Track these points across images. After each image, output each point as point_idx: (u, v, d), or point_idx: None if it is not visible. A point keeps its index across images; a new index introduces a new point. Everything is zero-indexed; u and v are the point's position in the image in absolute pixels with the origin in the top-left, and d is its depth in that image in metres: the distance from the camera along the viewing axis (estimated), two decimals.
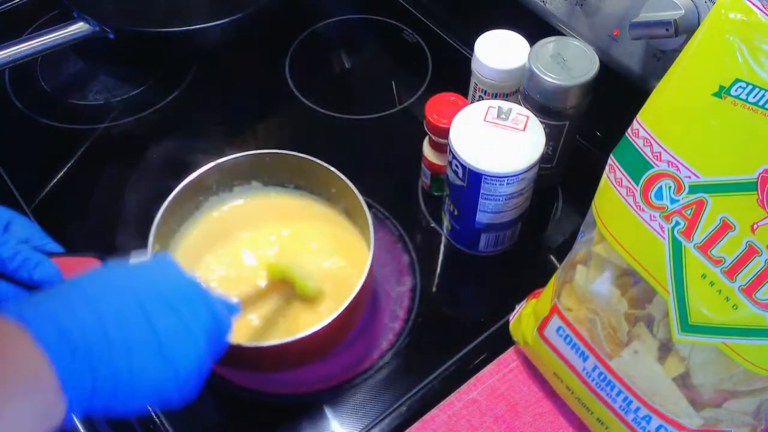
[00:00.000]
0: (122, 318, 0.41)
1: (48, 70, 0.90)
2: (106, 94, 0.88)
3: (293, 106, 0.86)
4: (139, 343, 0.42)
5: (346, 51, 0.95)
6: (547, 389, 0.64)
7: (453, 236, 0.73)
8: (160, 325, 0.43)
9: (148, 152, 0.82)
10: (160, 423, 0.62)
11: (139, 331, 0.42)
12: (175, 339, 0.43)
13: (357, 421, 0.63)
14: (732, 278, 0.45)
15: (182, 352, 0.44)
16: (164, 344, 0.43)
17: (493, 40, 0.72)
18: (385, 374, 0.65)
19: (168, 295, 0.44)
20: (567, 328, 0.57)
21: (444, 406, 0.63)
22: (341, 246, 0.69)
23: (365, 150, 0.82)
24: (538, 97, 0.67)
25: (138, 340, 0.42)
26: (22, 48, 0.78)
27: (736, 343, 0.46)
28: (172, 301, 0.44)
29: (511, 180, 0.63)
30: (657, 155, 0.47)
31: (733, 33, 0.43)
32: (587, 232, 0.56)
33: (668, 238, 0.47)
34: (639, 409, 0.54)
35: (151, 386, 0.43)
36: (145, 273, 0.46)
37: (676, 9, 0.61)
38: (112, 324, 0.41)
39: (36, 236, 0.56)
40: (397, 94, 0.88)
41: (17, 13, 0.97)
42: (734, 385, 0.49)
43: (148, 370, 0.42)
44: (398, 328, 0.68)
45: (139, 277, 0.45)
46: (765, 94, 0.42)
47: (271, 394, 0.64)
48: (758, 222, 0.44)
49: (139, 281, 0.44)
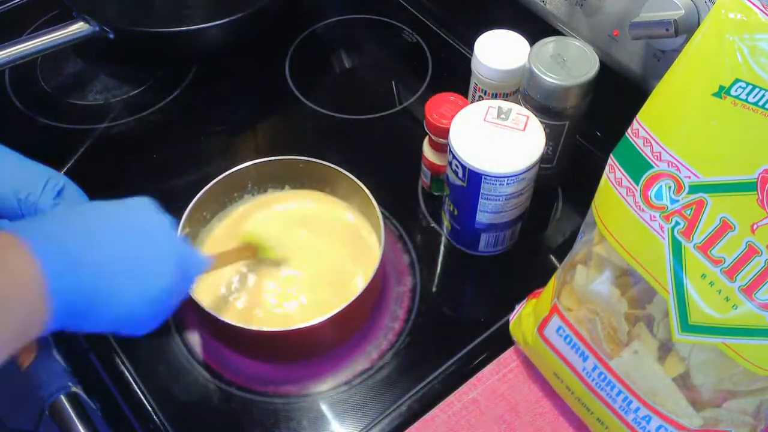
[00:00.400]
0: (105, 237, 0.46)
1: (48, 70, 0.90)
2: (106, 94, 0.88)
3: (293, 106, 0.86)
4: (118, 260, 0.46)
5: (346, 51, 0.95)
6: (547, 389, 0.64)
7: (453, 236, 0.73)
8: (138, 249, 0.47)
9: (148, 152, 0.82)
10: (160, 423, 0.63)
11: (119, 250, 0.46)
12: (150, 263, 0.48)
13: (357, 421, 0.63)
14: (732, 278, 0.45)
15: (154, 276, 0.48)
16: (140, 264, 0.47)
17: (493, 40, 0.72)
18: (385, 374, 0.65)
19: (147, 226, 0.49)
20: (567, 328, 0.57)
21: (444, 406, 0.63)
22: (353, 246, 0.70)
23: (365, 150, 0.82)
24: (538, 97, 0.67)
25: (116, 257, 0.46)
26: (22, 48, 0.78)
27: (736, 343, 0.46)
28: (150, 232, 0.49)
29: (511, 180, 0.63)
30: (657, 155, 0.47)
31: (733, 33, 0.43)
32: (587, 232, 0.56)
33: (668, 238, 0.47)
34: (639, 409, 0.54)
35: (123, 303, 0.47)
36: (128, 207, 0.50)
37: (676, 9, 0.61)
38: (95, 241, 0.45)
39: None
40: (397, 94, 0.88)
41: (17, 13, 0.97)
42: (734, 385, 0.49)
43: (126, 291, 0.46)
44: (398, 328, 0.68)
45: (123, 208, 0.50)
46: (765, 94, 0.42)
47: (271, 394, 0.64)
48: (758, 222, 0.44)
49: (123, 212, 0.49)
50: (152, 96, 0.88)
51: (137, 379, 0.65)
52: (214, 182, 0.69)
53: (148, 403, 0.64)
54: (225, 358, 0.66)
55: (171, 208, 0.75)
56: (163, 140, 0.84)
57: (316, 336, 0.63)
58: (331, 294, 0.66)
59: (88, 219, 0.47)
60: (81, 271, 0.44)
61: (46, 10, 0.96)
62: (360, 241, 0.70)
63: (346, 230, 0.71)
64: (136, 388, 0.64)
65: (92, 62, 0.92)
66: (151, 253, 0.48)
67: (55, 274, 0.42)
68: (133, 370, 0.65)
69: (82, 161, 0.81)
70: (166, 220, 0.51)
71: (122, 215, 0.49)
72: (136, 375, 0.65)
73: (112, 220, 0.48)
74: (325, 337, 0.65)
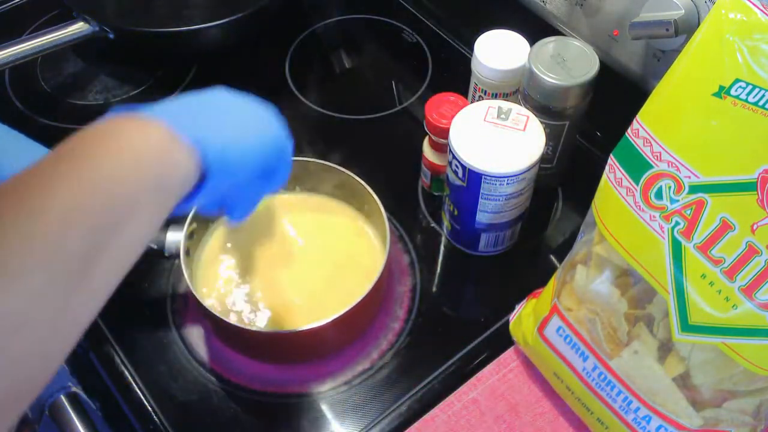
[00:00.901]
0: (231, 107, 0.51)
1: (48, 70, 0.91)
2: (106, 94, 0.88)
3: (293, 106, 0.86)
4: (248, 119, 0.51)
5: (346, 51, 0.95)
6: (547, 389, 0.64)
7: (453, 236, 0.73)
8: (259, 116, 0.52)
9: None
10: (160, 423, 0.63)
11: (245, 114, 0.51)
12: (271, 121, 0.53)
13: (357, 421, 0.63)
14: (732, 278, 0.45)
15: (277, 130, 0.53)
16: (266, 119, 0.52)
17: (493, 40, 0.72)
18: (385, 374, 0.65)
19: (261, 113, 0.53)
20: (567, 328, 0.57)
21: (444, 406, 0.63)
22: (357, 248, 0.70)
23: (365, 150, 0.82)
24: (538, 97, 0.67)
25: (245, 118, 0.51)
26: (22, 48, 0.78)
27: (736, 343, 0.46)
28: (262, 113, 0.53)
29: (511, 180, 0.63)
30: (657, 155, 0.47)
31: (733, 33, 0.43)
32: (587, 232, 0.56)
33: (668, 238, 0.47)
34: (639, 409, 0.54)
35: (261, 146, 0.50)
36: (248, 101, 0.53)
37: (676, 9, 0.61)
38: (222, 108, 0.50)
39: None
40: (397, 94, 0.88)
41: (17, 13, 0.97)
42: (734, 385, 0.49)
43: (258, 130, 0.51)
44: (398, 328, 0.68)
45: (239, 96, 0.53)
46: (765, 94, 0.42)
47: (271, 394, 0.64)
48: (758, 222, 0.44)
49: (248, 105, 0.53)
50: (152, 96, 0.87)
51: (137, 379, 0.65)
52: None
53: (148, 403, 0.64)
54: (225, 358, 0.66)
55: None
56: None
57: (320, 338, 0.63)
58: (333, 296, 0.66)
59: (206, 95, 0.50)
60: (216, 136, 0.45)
61: (46, 10, 0.96)
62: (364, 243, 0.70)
63: (351, 234, 0.71)
64: (136, 388, 0.64)
65: (92, 62, 0.92)
66: (265, 123, 0.52)
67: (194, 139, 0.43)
68: (133, 370, 0.65)
69: None
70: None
71: (248, 105, 0.53)
72: (136, 375, 0.65)
73: (232, 97, 0.52)
74: (328, 339, 0.64)
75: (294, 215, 0.72)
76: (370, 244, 0.70)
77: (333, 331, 0.62)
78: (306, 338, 0.61)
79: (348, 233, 0.71)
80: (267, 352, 0.66)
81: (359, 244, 0.70)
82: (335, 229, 0.71)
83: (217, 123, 0.47)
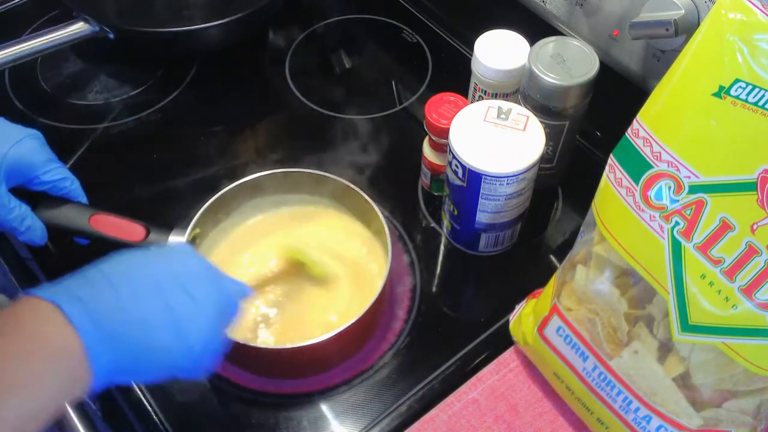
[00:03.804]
0: (141, 298, 0.46)
1: (48, 70, 0.91)
2: (106, 94, 0.88)
3: (293, 106, 0.86)
4: (156, 320, 0.47)
5: (346, 51, 0.95)
6: (547, 389, 0.64)
7: (453, 236, 0.73)
8: (174, 304, 0.47)
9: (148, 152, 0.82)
10: (160, 423, 0.63)
11: (156, 309, 0.47)
12: (188, 316, 0.48)
13: (357, 421, 0.63)
14: (731, 278, 0.45)
15: (194, 328, 0.48)
16: (178, 321, 0.47)
17: (493, 40, 0.72)
18: (385, 374, 0.65)
19: (182, 278, 0.49)
20: (567, 328, 0.57)
21: (444, 406, 0.63)
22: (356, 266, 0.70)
23: (365, 150, 0.82)
24: (538, 97, 0.67)
25: (154, 317, 0.47)
26: (22, 48, 0.78)
27: (736, 343, 0.46)
28: (185, 283, 0.48)
29: (511, 180, 0.63)
30: (657, 155, 0.47)
31: (733, 33, 0.43)
32: (587, 232, 0.56)
33: (668, 238, 0.47)
34: (639, 409, 0.54)
35: (167, 359, 0.47)
36: (161, 258, 0.50)
37: (676, 9, 0.61)
38: (132, 304, 0.46)
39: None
40: (397, 94, 0.88)
41: (17, 13, 0.97)
42: (734, 385, 0.49)
43: (164, 345, 0.47)
44: (398, 328, 0.68)
45: (156, 261, 0.50)
46: (765, 94, 0.42)
47: (271, 394, 0.64)
48: (758, 222, 0.44)
49: (156, 265, 0.49)
50: (152, 96, 0.88)
51: None
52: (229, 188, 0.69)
53: (148, 403, 0.64)
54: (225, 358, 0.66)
55: (171, 207, 0.75)
56: (163, 140, 0.84)
57: (320, 353, 0.62)
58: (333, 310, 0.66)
59: (116, 275, 0.47)
60: (112, 331, 0.45)
61: (46, 10, 0.96)
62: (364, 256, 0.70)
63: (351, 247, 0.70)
64: (136, 388, 0.64)
65: (92, 62, 0.92)
66: (185, 300, 0.48)
67: (89, 340, 0.43)
68: None
69: (82, 161, 0.81)
70: (203, 264, 0.51)
71: (155, 266, 0.49)
72: None
73: (142, 274, 0.48)
74: (328, 354, 0.64)
75: (293, 229, 0.71)
76: (370, 256, 0.69)
77: (333, 346, 0.62)
78: (306, 354, 0.61)
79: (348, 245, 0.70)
80: (266, 367, 0.65)
81: (359, 256, 0.70)
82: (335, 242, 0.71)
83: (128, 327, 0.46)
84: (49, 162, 0.64)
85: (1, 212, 0.61)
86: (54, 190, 0.65)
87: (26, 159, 0.63)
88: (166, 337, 0.47)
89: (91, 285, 0.46)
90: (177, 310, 0.47)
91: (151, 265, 0.49)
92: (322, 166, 0.77)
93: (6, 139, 0.62)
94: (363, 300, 0.62)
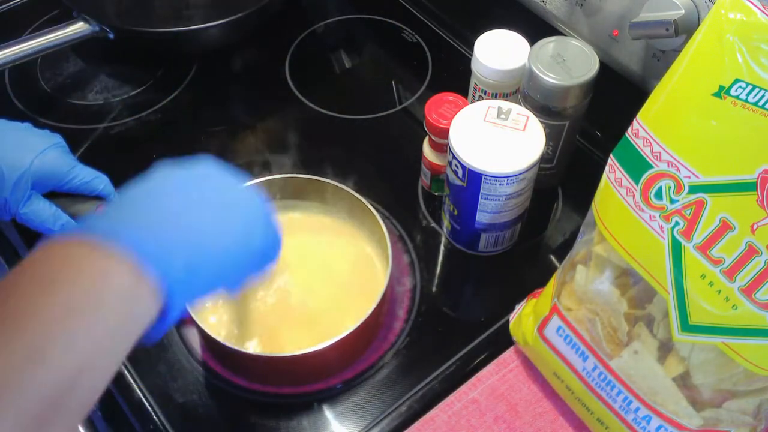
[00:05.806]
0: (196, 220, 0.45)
1: (48, 70, 0.91)
2: (106, 94, 0.88)
3: (293, 106, 0.86)
4: (213, 242, 0.45)
5: (346, 51, 0.95)
6: (547, 389, 0.64)
7: (453, 236, 0.73)
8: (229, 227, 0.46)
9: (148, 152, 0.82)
10: (160, 423, 0.63)
11: (212, 231, 0.45)
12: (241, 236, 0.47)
13: (357, 421, 0.63)
14: (731, 278, 0.45)
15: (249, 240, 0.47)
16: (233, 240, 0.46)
17: (493, 40, 0.72)
18: (385, 374, 0.65)
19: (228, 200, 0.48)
20: (567, 328, 0.57)
21: (444, 406, 0.63)
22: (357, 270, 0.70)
23: (365, 150, 0.82)
24: (538, 97, 0.67)
25: (212, 239, 0.45)
26: (22, 48, 0.78)
27: (736, 343, 0.46)
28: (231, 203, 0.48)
29: (511, 180, 0.63)
30: (657, 155, 0.47)
31: (733, 33, 0.43)
32: (587, 232, 0.56)
33: (668, 238, 0.47)
34: (639, 409, 0.54)
35: (234, 265, 0.46)
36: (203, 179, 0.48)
37: (676, 9, 0.61)
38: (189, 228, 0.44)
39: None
40: (397, 94, 0.88)
41: (17, 13, 0.97)
42: (734, 385, 0.49)
43: (223, 259, 0.45)
44: (398, 328, 0.68)
45: (201, 182, 0.48)
46: (765, 94, 0.42)
47: (271, 394, 0.64)
48: (758, 222, 0.44)
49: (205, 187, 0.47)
50: (152, 96, 0.88)
51: (137, 379, 0.65)
52: None
53: (148, 403, 0.64)
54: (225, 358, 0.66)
55: None
56: (163, 140, 0.83)
57: (318, 361, 0.62)
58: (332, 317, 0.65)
59: (164, 200, 0.45)
60: (175, 257, 0.42)
61: (46, 10, 0.96)
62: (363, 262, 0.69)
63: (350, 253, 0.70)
64: (136, 388, 0.64)
65: (92, 62, 0.92)
66: (237, 224, 0.47)
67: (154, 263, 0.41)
68: (133, 370, 0.65)
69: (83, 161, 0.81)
70: (239, 181, 0.50)
71: (201, 187, 0.47)
72: (136, 375, 0.65)
73: (191, 195, 0.46)
74: (327, 363, 0.64)
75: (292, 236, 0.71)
76: (370, 263, 0.69)
77: (332, 354, 0.61)
78: (305, 362, 0.61)
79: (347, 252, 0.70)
80: (262, 375, 0.64)
81: (358, 263, 0.69)
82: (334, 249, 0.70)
83: (186, 234, 0.44)
84: (73, 169, 0.68)
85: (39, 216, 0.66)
86: (86, 191, 0.69)
87: (50, 169, 0.66)
88: (219, 251, 0.45)
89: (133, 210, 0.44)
90: (227, 227, 0.46)
91: (194, 184, 0.47)
92: (322, 166, 0.77)
93: (30, 150, 0.66)
94: (365, 302, 0.62)
